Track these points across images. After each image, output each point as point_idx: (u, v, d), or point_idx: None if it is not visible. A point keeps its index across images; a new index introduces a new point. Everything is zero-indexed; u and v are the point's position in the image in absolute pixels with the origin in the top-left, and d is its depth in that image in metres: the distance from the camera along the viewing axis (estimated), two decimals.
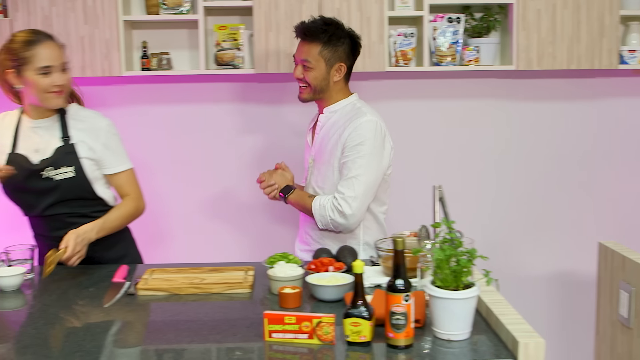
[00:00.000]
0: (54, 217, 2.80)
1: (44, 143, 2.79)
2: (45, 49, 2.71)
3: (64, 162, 2.76)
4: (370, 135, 2.87)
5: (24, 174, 2.75)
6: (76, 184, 2.78)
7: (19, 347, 2.02)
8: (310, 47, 2.94)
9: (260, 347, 1.98)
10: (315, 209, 2.91)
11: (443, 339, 1.98)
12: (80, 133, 2.81)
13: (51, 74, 2.71)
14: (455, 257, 1.98)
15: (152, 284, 2.52)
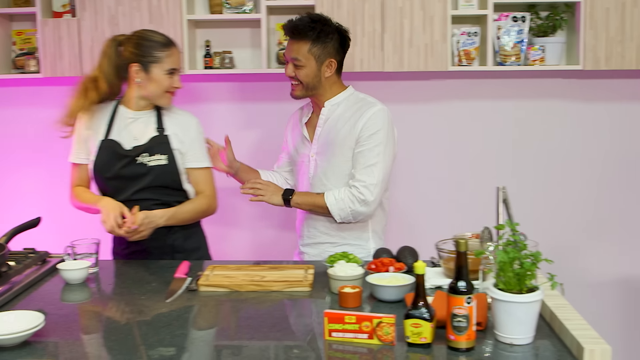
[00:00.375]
0: (138, 203, 2.87)
1: (140, 132, 2.93)
2: (175, 53, 2.92)
3: (158, 150, 2.90)
4: (384, 124, 2.93)
5: (118, 160, 2.89)
6: (167, 171, 2.91)
7: (84, 339, 2.06)
8: (300, 45, 2.94)
9: (320, 346, 1.98)
10: (331, 205, 2.90)
11: (505, 343, 1.95)
12: (174, 126, 2.96)
13: (174, 76, 2.92)
14: (519, 260, 1.95)
15: (213, 280, 2.54)
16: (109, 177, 2.90)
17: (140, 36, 2.91)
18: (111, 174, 2.90)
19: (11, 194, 4.08)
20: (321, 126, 3.03)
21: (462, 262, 1.92)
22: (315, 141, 3.04)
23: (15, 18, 3.90)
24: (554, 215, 3.96)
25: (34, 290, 2.52)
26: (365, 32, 3.52)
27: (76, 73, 3.62)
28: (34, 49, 3.84)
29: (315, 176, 3.03)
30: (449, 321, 1.91)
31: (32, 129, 4.03)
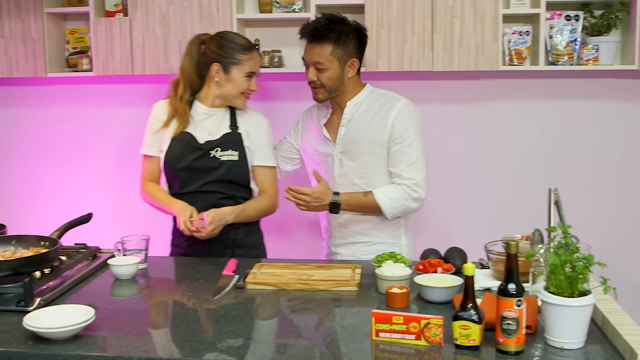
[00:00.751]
0: (206, 195, 2.96)
1: (214, 128, 3.01)
2: (256, 57, 3.00)
3: (230, 146, 2.99)
4: (413, 118, 2.95)
5: (192, 152, 2.96)
6: (237, 167, 2.99)
7: (131, 334, 2.08)
8: (321, 48, 2.91)
9: (367, 346, 1.97)
10: (385, 204, 2.89)
11: (555, 347, 1.92)
12: (246, 125, 3.05)
13: (252, 79, 2.99)
14: (571, 263, 1.92)
15: (261, 278, 2.55)
16: (180, 168, 2.97)
17: (223, 37, 3.00)
18: (183, 165, 2.96)
19: (63, 190, 4.15)
20: (345, 126, 3.01)
21: (513, 264, 1.90)
22: (340, 141, 3.02)
23: (68, 17, 3.97)
24: (607, 218, 3.89)
25: (85, 285, 2.56)
26: (415, 31, 3.50)
27: (127, 71, 3.67)
28: (86, 48, 3.90)
29: (343, 175, 3.02)
30: (498, 324, 1.89)
31: (84, 125, 4.10)
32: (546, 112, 3.85)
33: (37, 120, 4.13)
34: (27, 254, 2.52)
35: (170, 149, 3.00)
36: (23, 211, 4.17)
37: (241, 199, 3.03)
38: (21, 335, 2.05)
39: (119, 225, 3.93)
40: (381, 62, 3.55)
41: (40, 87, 4.09)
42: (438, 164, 3.92)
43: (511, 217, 3.89)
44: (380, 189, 2.92)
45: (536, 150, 3.88)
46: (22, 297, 2.26)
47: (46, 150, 4.14)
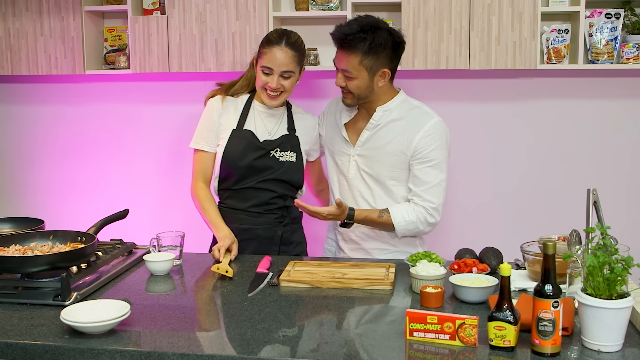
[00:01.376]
0: (259, 192, 3.02)
1: (274, 127, 3.06)
2: (274, 52, 2.93)
3: (289, 147, 3.06)
4: (443, 139, 2.89)
5: (253, 151, 2.99)
6: (294, 168, 3.05)
7: (166, 330, 2.09)
8: (350, 57, 2.81)
9: (401, 345, 1.96)
10: (399, 225, 2.85)
11: (592, 350, 1.90)
12: (302, 128, 3.12)
13: (270, 75, 2.94)
14: (609, 265, 1.89)
15: (294, 276, 2.55)
16: (240, 166, 2.98)
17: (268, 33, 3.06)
18: (244, 163, 2.98)
19: (100, 186, 4.20)
20: (370, 130, 2.95)
21: (550, 265, 1.87)
22: (360, 144, 2.97)
23: (107, 15, 4.01)
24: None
25: (121, 280, 2.59)
26: (452, 29, 3.47)
27: (164, 69, 3.69)
28: (124, 46, 3.93)
29: (357, 178, 2.99)
30: (534, 325, 1.87)
31: (122, 122, 4.14)
32: (585, 111, 3.79)
33: (75, 117, 4.18)
34: (65, 249, 2.55)
35: (231, 145, 3.00)
36: (60, 206, 4.22)
37: (290, 198, 3.07)
38: (58, 329, 2.07)
39: (154, 222, 3.96)
40: (417, 61, 3.52)
41: (79, 84, 4.14)
42: (473, 163, 3.89)
43: (548, 218, 3.84)
44: (397, 209, 2.87)
45: (574, 150, 3.83)
46: (59, 291, 2.29)
47: (83, 146, 4.19)
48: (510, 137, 3.86)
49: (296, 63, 2.95)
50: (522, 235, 2.87)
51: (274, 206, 3.04)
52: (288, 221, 3.08)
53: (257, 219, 3.02)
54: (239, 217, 3.03)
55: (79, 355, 1.96)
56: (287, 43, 2.93)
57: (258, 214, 3.02)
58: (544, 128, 3.84)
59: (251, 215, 3.02)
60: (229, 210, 3.05)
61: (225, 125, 3.03)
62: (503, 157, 3.88)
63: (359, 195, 2.99)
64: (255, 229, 3.01)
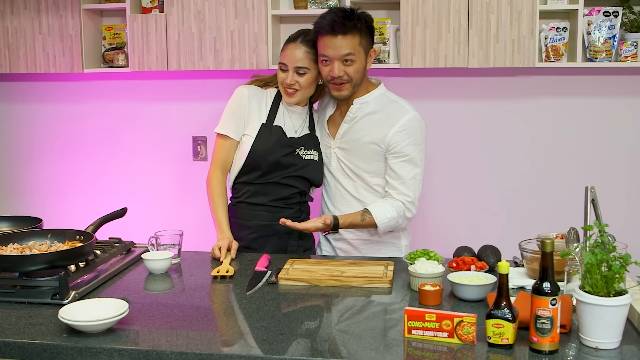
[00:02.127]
0: (281, 188, 3.03)
1: (300, 126, 3.09)
2: (290, 48, 2.96)
3: (312, 146, 3.08)
4: (417, 134, 2.92)
5: (281, 147, 3.00)
6: (316, 166, 3.08)
7: (164, 328, 2.09)
8: (350, 39, 2.83)
9: (399, 343, 1.96)
10: (382, 224, 2.89)
11: (590, 347, 1.90)
12: (319, 127, 3.14)
13: (287, 71, 2.96)
14: (607, 262, 1.89)
15: (293, 274, 2.55)
16: (268, 161, 2.99)
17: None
18: (272, 159, 2.99)
19: (98, 184, 4.20)
20: (347, 122, 2.98)
21: (548, 262, 1.88)
22: (339, 137, 3.01)
23: (105, 13, 4.01)
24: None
25: (119, 279, 2.59)
26: (451, 27, 3.47)
27: (163, 67, 3.69)
28: (122, 44, 3.93)
29: (338, 170, 3.04)
30: (532, 323, 1.87)
31: (120, 120, 4.14)
32: (583, 109, 3.80)
33: (73, 116, 4.18)
34: (63, 247, 2.55)
35: (261, 140, 2.99)
36: (58, 205, 4.23)
37: (306, 194, 3.14)
38: (56, 328, 2.07)
39: (153, 220, 3.96)
40: (416, 59, 3.52)
41: (77, 82, 4.14)
42: (471, 161, 3.89)
43: (546, 216, 3.85)
44: (377, 208, 2.89)
45: (573, 148, 3.83)
46: (57, 290, 2.29)
47: (82, 145, 4.19)
48: (509, 135, 3.86)
49: (311, 60, 2.94)
50: (520, 233, 2.87)
51: (292, 201, 3.06)
52: (305, 216, 3.12)
53: (277, 214, 2.98)
54: (258, 213, 3.03)
55: (77, 354, 1.96)
56: (303, 40, 2.96)
57: (278, 209, 3.03)
58: (543, 126, 3.84)
59: (270, 211, 3.02)
60: (248, 206, 3.05)
61: (254, 115, 3.02)
62: (501, 155, 3.88)
63: (341, 187, 3.04)
64: (275, 225, 2.95)
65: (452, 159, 3.86)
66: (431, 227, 3.87)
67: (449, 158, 3.88)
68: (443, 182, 3.90)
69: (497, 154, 3.88)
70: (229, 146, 3.03)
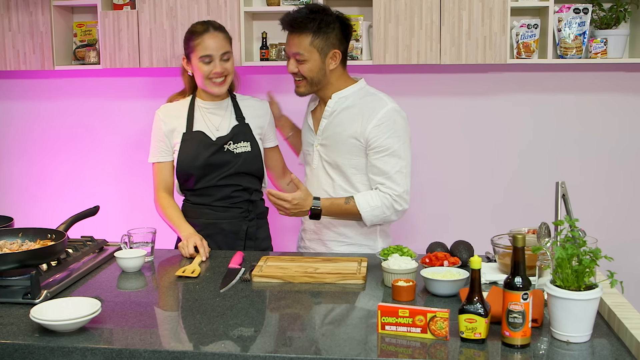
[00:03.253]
0: (222, 188, 3.03)
1: (222, 122, 3.06)
2: (207, 39, 2.96)
3: (242, 137, 3.05)
4: (397, 126, 2.85)
5: (205, 148, 3.00)
6: (252, 157, 3.06)
7: (137, 327, 2.08)
8: (301, 38, 2.84)
9: (373, 339, 1.97)
10: (365, 212, 2.83)
11: (561, 340, 1.92)
12: (251, 114, 3.12)
13: (211, 62, 2.96)
14: (578, 257, 1.91)
15: (267, 271, 2.55)
16: (197, 166, 3.00)
17: (188, 30, 3.06)
18: (200, 163, 2.99)
19: (70, 182, 4.16)
20: (326, 118, 2.95)
21: (519, 257, 1.89)
22: (320, 132, 2.97)
23: (76, 10, 3.97)
24: (614, 212, 3.87)
25: (91, 278, 2.57)
26: (423, 24, 3.49)
27: (134, 64, 3.67)
28: (94, 41, 3.90)
29: (319, 168, 2.99)
30: (505, 317, 1.89)
31: (92, 118, 4.10)
32: (554, 105, 3.83)
33: (44, 113, 4.14)
34: (34, 246, 2.53)
35: (184, 149, 3.02)
36: (30, 204, 4.18)
37: (255, 191, 3.09)
38: (27, 328, 2.05)
39: (125, 218, 3.93)
40: (388, 55, 3.53)
41: (48, 80, 4.10)
42: (444, 157, 3.92)
43: (518, 211, 3.88)
44: (362, 196, 2.86)
45: (544, 144, 3.87)
46: (29, 289, 2.26)
47: (53, 143, 4.15)
48: (481, 131, 3.89)
49: (229, 44, 3.01)
50: (492, 229, 2.89)
51: (238, 199, 3.05)
52: (253, 216, 3.08)
53: (223, 214, 3.04)
54: (204, 212, 3.05)
55: (49, 354, 1.94)
56: (215, 28, 3.00)
57: (224, 208, 3.04)
58: (514, 122, 3.87)
59: (216, 210, 3.04)
60: (194, 206, 3.08)
61: (176, 131, 3.05)
62: (473, 151, 3.91)
63: (321, 187, 2.98)
64: (221, 223, 3.03)
65: (423, 156, 3.88)
66: (403, 223, 3.88)
67: (420, 154, 3.89)
68: (415, 179, 3.89)
69: (469, 150, 3.90)
70: (164, 167, 3.08)
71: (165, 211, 3.04)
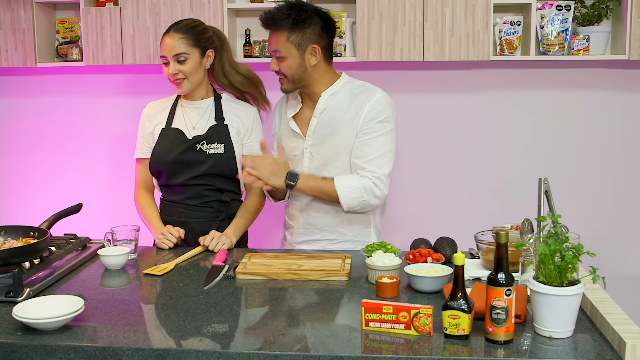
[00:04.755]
0: (193, 187, 3.03)
1: (200, 121, 3.05)
2: (164, 40, 2.97)
3: (217, 138, 3.01)
4: (389, 111, 2.85)
5: (178, 145, 3.00)
6: (224, 159, 3.01)
7: (121, 324, 2.08)
8: (277, 35, 2.83)
9: (357, 336, 1.97)
10: (342, 192, 2.77)
11: (544, 336, 1.93)
12: (233, 116, 3.08)
13: (168, 64, 2.96)
14: (560, 253, 1.92)
15: (251, 268, 2.54)
16: (167, 162, 3.00)
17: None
18: (171, 159, 2.99)
19: (53, 180, 4.14)
20: (317, 117, 2.91)
21: (502, 253, 1.90)
22: (311, 133, 2.92)
23: (58, 7, 3.95)
24: (596, 208, 3.90)
25: (75, 276, 2.56)
26: (406, 20, 3.49)
27: (117, 61, 3.65)
28: (76, 38, 3.88)
29: (313, 169, 2.93)
30: (488, 313, 1.89)
31: (75, 116, 4.08)
32: (537, 102, 3.85)
33: (26, 111, 4.11)
34: (17, 244, 2.51)
35: (158, 144, 3.04)
36: (13, 202, 4.15)
37: (228, 192, 3.06)
38: (10, 326, 2.04)
39: (109, 216, 3.92)
40: (372, 52, 3.54)
41: (30, 77, 4.07)
42: (428, 153, 3.93)
43: (501, 207, 3.89)
44: (341, 177, 2.82)
45: (527, 140, 3.88)
46: (11, 287, 2.25)
47: (36, 140, 4.12)
48: (464, 127, 3.90)
49: (187, 45, 2.95)
50: (475, 225, 2.90)
51: (210, 199, 3.04)
52: (225, 217, 3.06)
53: (193, 212, 3.04)
54: (176, 209, 3.07)
55: (32, 352, 1.93)
56: (176, 29, 2.97)
57: (195, 207, 3.04)
58: (497, 118, 3.88)
59: (187, 209, 3.05)
60: (168, 203, 3.11)
61: (157, 126, 3.08)
62: (456, 148, 3.92)
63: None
64: (190, 222, 3.03)
65: (406, 152, 3.88)
66: (387, 219, 3.88)
67: (403, 150, 3.90)
68: (398, 175, 3.91)
69: (452, 146, 3.92)
70: (146, 165, 3.10)
71: (142, 209, 3.08)
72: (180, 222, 3.01)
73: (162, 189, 3.14)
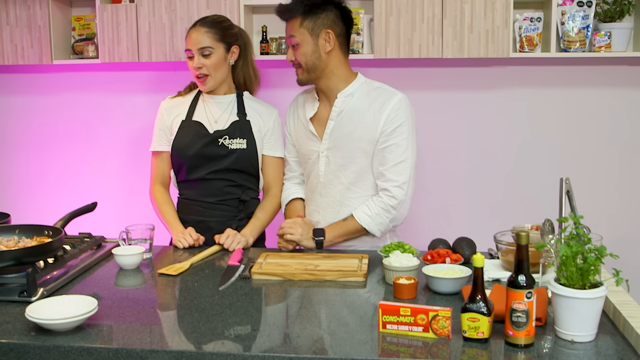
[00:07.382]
0: (212, 182, 3.01)
1: (222, 116, 3.05)
2: (190, 34, 2.99)
3: (239, 134, 3.01)
4: (408, 114, 2.84)
5: (200, 139, 2.99)
6: (246, 155, 3.01)
7: (135, 325, 2.06)
8: (292, 22, 2.84)
9: (374, 338, 1.94)
10: (367, 224, 2.82)
11: (566, 340, 1.89)
12: (254, 113, 3.08)
13: (193, 58, 2.98)
14: (583, 254, 1.88)
15: (266, 268, 2.52)
16: (189, 155, 2.99)
17: None
18: (192, 152, 2.98)
19: (68, 178, 4.13)
20: (334, 119, 2.88)
21: (523, 255, 1.86)
22: (327, 136, 2.89)
23: (74, 4, 3.94)
24: (619, 208, 3.84)
25: (89, 275, 2.54)
26: (425, 17, 3.45)
27: (133, 59, 3.63)
28: (92, 35, 3.87)
29: (329, 173, 2.91)
30: (508, 316, 1.86)
31: (90, 113, 4.07)
32: (557, 99, 3.80)
33: (42, 108, 4.11)
34: (31, 243, 2.50)
35: (179, 136, 3.02)
36: (27, 200, 4.16)
37: (249, 189, 3.05)
38: (23, 327, 2.03)
39: (123, 215, 3.91)
40: (390, 49, 3.50)
41: (46, 74, 4.07)
42: (446, 152, 3.88)
43: (520, 207, 3.85)
44: (358, 210, 2.84)
45: (547, 139, 3.83)
46: (25, 287, 2.24)
47: (51, 138, 4.12)
48: (484, 126, 3.85)
49: (212, 39, 2.97)
50: (495, 225, 2.86)
51: (229, 197, 3.02)
52: (244, 216, 3.05)
53: (212, 211, 3.02)
54: (194, 208, 3.05)
55: (45, 353, 1.91)
56: (202, 23, 3.00)
57: (213, 205, 3.02)
58: (517, 117, 3.83)
59: (206, 207, 3.03)
60: (186, 201, 3.08)
61: (176, 120, 3.06)
62: (476, 147, 3.87)
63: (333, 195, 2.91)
64: (209, 222, 3.01)
65: (426, 151, 3.85)
66: (406, 219, 3.85)
67: (422, 149, 3.85)
68: (417, 174, 3.88)
69: (472, 145, 3.87)
70: (163, 158, 3.10)
71: (160, 207, 3.06)
72: (198, 221, 3.00)
73: (180, 186, 3.11)
